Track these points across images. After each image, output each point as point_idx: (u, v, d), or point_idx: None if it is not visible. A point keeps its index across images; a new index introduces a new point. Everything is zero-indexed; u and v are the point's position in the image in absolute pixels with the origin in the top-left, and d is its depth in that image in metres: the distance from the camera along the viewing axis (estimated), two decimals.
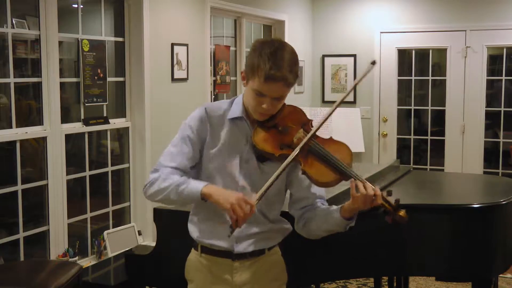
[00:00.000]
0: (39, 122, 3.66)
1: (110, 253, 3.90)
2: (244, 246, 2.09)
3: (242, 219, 1.87)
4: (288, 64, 1.94)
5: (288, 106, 2.08)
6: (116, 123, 4.24)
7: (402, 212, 1.97)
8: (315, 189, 2.10)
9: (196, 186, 1.97)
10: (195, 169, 2.11)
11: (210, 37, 5.01)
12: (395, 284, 3.92)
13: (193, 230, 2.16)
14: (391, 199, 1.98)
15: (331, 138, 2.04)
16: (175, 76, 4.57)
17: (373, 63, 2.05)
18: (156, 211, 2.84)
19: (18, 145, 3.51)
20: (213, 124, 2.07)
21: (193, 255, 2.19)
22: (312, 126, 2.04)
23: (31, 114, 3.72)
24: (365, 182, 1.95)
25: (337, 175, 1.96)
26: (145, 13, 4.23)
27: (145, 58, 4.26)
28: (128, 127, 4.32)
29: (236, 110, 2.07)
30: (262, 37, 6.07)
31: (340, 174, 1.96)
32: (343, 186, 2.13)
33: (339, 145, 2.03)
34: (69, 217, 3.83)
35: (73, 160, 3.95)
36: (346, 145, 2.03)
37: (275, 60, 1.92)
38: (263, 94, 1.95)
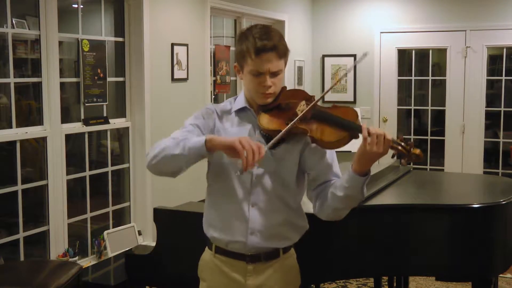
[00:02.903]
0: (39, 122, 3.66)
1: (110, 253, 3.90)
2: (257, 240, 2.04)
3: (251, 155, 1.79)
4: (275, 34, 1.98)
5: (290, 89, 2.10)
6: (116, 123, 4.24)
7: (417, 151, 1.87)
8: (329, 166, 2.04)
9: (199, 139, 1.90)
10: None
11: (210, 37, 5.01)
12: (395, 284, 3.92)
13: (208, 230, 2.12)
14: (404, 141, 1.91)
15: (334, 105, 2.03)
16: (175, 76, 4.57)
17: (365, 54, 2.11)
18: (156, 211, 2.85)
19: (18, 145, 3.51)
20: (220, 117, 2.09)
21: (207, 255, 2.16)
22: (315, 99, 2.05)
23: (31, 114, 3.72)
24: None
25: (345, 131, 1.92)
26: (145, 13, 4.23)
27: (145, 58, 4.26)
28: (128, 127, 4.32)
29: (239, 103, 2.09)
30: None
31: (348, 130, 1.92)
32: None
33: (343, 108, 2.00)
34: (69, 217, 3.83)
35: (73, 160, 3.95)
36: (350, 107, 2.01)
37: (261, 34, 1.97)
38: (259, 72, 1.97)
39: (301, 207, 2.13)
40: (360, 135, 1.89)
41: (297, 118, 1.94)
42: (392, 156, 1.89)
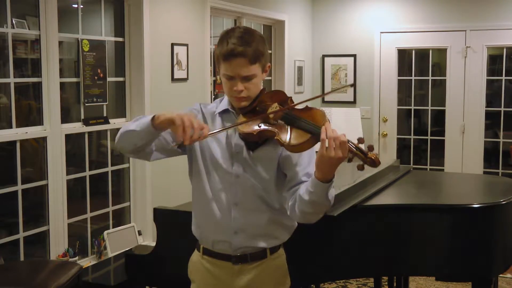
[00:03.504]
0: (39, 122, 3.66)
1: (110, 253, 3.90)
2: (241, 239, 2.05)
3: (189, 130, 1.79)
4: (252, 38, 1.97)
5: (269, 91, 2.09)
6: (116, 123, 4.24)
7: (374, 155, 1.83)
8: (304, 168, 2.01)
9: (149, 116, 1.92)
10: (183, 151, 2.11)
11: (210, 37, 5.01)
12: (395, 284, 3.92)
13: (195, 231, 2.16)
14: (363, 146, 1.87)
15: (306, 107, 2.00)
16: (175, 76, 4.57)
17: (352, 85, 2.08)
18: (156, 211, 2.85)
19: (18, 145, 3.51)
20: (205, 118, 2.11)
21: (195, 256, 2.19)
22: (293, 102, 2.02)
23: (31, 114, 3.71)
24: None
25: (308, 134, 1.89)
26: (145, 13, 4.23)
27: (145, 58, 4.26)
28: None
29: (222, 104, 2.12)
30: None
31: (310, 133, 1.89)
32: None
33: (313, 110, 1.98)
34: (69, 217, 3.82)
35: (73, 160, 3.95)
36: (319, 109, 1.98)
37: (229, 38, 1.97)
38: (230, 76, 1.98)
39: (285, 208, 2.10)
40: None
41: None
42: (348, 161, 1.83)
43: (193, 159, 2.12)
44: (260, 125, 1.97)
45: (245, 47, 1.95)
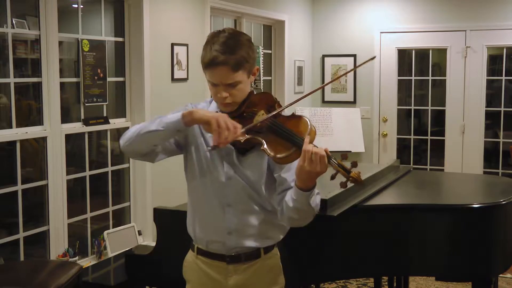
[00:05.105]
0: (39, 122, 3.66)
1: (110, 253, 3.90)
2: (235, 240, 2.06)
3: (225, 133, 1.82)
4: (228, 46, 1.94)
5: (257, 94, 2.07)
6: (116, 123, 4.24)
7: (356, 174, 1.81)
8: (291, 171, 1.99)
9: (175, 114, 1.93)
10: (181, 150, 2.12)
11: None
12: (395, 284, 3.92)
13: (190, 231, 2.17)
14: (346, 163, 1.85)
15: (292, 114, 1.99)
16: (175, 76, 4.57)
17: (373, 58, 2.06)
18: (156, 211, 2.85)
19: (18, 145, 3.51)
20: None
21: (190, 256, 2.20)
22: (281, 106, 2.00)
23: (31, 114, 3.72)
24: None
25: (293, 146, 1.87)
26: (145, 13, 4.23)
27: (145, 58, 4.26)
28: (128, 127, 4.31)
29: (212, 107, 2.11)
30: (261, 38, 6.07)
31: (294, 144, 1.87)
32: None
33: (297, 119, 1.96)
34: (69, 217, 3.82)
35: (73, 160, 3.95)
36: (304, 118, 1.95)
37: (211, 46, 1.95)
38: (214, 83, 1.98)
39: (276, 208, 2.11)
40: None
41: (251, 125, 1.92)
42: (331, 178, 1.82)
43: (188, 158, 2.12)
44: (248, 132, 1.94)
45: (228, 55, 1.92)
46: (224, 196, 2.06)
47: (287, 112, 2.01)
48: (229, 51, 1.93)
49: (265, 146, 1.91)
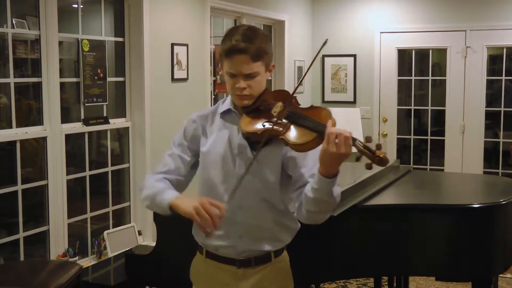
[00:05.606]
0: (39, 122, 3.66)
1: (110, 253, 3.90)
2: (246, 243, 2.03)
3: (208, 221, 1.83)
4: (255, 36, 1.97)
5: (272, 91, 2.07)
6: (116, 123, 4.24)
7: (382, 154, 1.78)
8: (311, 168, 1.98)
9: (167, 197, 2.00)
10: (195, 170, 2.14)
11: (210, 37, 5.01)
12: (395, 284, 3.92)
13: (197, 234, 2.12)
14: (370, 145, 1.82)
15: (311, 106, 1.99)
16: (175, 76, 4.57)
17: (325, 41, 2.03)
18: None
19: (18, 145, 3.51)
20: (204, 123, 2.11)
21: (198, 259, 2.16)
22: (297, 101, 2.01)
23: (31, 114, 3.72)
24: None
25: (314, 133, 1.86)
26: (145, 13, 4.23)
27: (145, 58, 4.26)
28: (128, 127, 4.32)
29: (225, 105, 2.11)
30: None
31: (316, 131, 1.85)
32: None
33: (317, 109, 1.96)
34: (69, 217, 3.83)
35: (73, 160, 3.95)
36: (325, 108, 1.95)
37: (232, 35, 1.97)
38: (233, 73, 1.98)
39: (289, 209, 2.11)
40: None
41: (270, 125, 1.93)
42: (356, 160, 1.81)
43: (199, 162, 2.12)
44: (264, 124, 1.94)
45: (247, 43, 1.94)
46: (236, 198, 1.99)
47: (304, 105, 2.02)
48: (249, 41, 1.95)
49: (285, 134, 1.90)
